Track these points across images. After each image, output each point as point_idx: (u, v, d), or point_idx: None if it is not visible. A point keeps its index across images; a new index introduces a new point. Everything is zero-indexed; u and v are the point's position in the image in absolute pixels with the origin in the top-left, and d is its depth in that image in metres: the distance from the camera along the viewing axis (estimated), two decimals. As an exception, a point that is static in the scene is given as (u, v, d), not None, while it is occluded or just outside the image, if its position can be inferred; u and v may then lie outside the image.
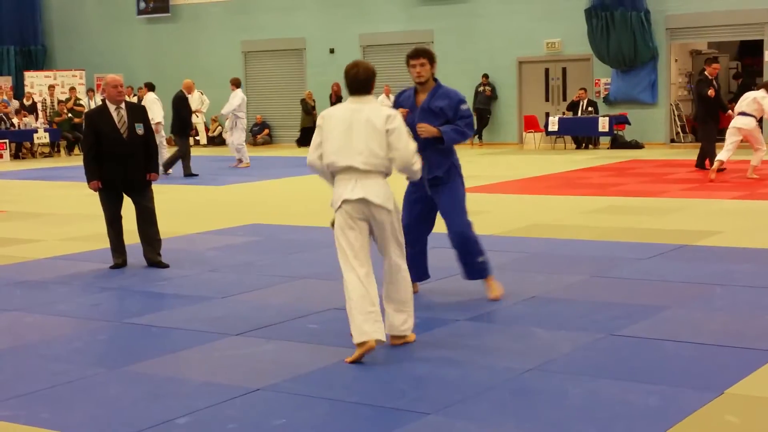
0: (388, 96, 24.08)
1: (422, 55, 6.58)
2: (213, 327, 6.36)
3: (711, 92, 15.18)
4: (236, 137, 19.53)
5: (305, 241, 9.73)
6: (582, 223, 10.53)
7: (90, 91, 26.71)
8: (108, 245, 8.68)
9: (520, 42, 24.22)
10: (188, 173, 17.62)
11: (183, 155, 17.72)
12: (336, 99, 24.97)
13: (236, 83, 19.87)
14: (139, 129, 8.42)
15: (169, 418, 4.58)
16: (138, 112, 8.56)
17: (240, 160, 19.70)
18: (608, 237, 9.51)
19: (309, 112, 26.06)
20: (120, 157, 8.34)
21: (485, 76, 24.30)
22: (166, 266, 8.45)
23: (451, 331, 6.07)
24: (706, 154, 15.59)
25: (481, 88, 24.33)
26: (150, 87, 19.60)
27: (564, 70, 24.44)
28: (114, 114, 8.36)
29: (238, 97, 19.39)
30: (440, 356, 5.52)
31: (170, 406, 4.75)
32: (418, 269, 6.87)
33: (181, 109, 17.83)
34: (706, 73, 15.62)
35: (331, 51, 26.62)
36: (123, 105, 8.42)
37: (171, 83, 28.33)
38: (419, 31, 25.13)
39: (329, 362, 5.52)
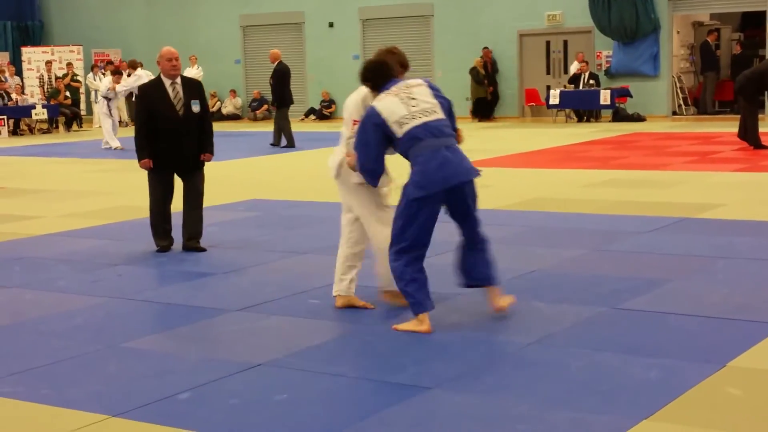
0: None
1: None
2: (214, 303, 6.35)
3: None
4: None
5: (305, 217, 9.70)
6: (583, 197, 10.49)
7: (95, 68, 26.43)
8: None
9: (520, 14, 24.08)
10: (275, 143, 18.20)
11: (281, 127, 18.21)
12: (491, 67, 24.16)
13: (135, 66, 19.77)
14: (195, 106, 7.94)
15: (171, 393, 4.56)
16: (194, 89, 8.05)
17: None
18: (610, 210, 9.48)
19: (480, 82, 23.78)
20: (174, 135, 7.84)
21: (486, 48, 24.18)
22: (203, 250, 8.07)
23: (451, 306, 6.04)
24: (756, 129, 14.65)
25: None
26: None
27: (565, 42, 24.30)
28: (169, 89, 7.85)
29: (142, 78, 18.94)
30: (442, 331, 5.50)
31: (171, 382, 4.74)
32: None
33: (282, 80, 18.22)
34: None
35: (330, 25, 26.48)
36: (179, 80, 7.90)
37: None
38: (419, 3, 24.95)
39: (330, 337, 5.51)
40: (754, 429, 3.98)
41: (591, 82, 22.75)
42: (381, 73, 5.66)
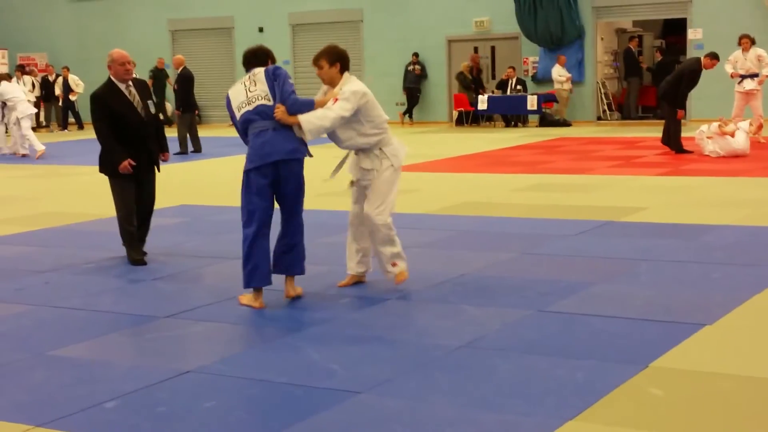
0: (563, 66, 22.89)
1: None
2: (142, 310, 6.29)
3: (680, 114, 14.93)
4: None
5: (234, 222, 9.60)
6: (512, 201, 10.62)
7: (18, 71, 25.84)
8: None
9: (449, 20, 24.27)
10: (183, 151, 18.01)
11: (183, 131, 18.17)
12: (477, 72, 24.02)
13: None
14: (152, 107, 7.84)
15: (97, 402, 4.51)
16: (145, 89, 7.93)
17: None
18: (537, 214, 9.61)
19: (468, 87, 23.55)
20: (141, 140, 7.65)
21: (415, 54, 24.32)
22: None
23: (381, 310, 6.08)
24: (678, 134, 15.02)
25: (411, 67, 24.33)
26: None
27: (493, 48, 24.55)
28: (126, 93, 7.65)
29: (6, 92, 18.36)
30: (371, 335, 5.53)
31: (98, 391, 4.68)
32: None
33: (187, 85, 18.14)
34: (702, 63, 14.87)
35: (260, 30, 26.38)
36: (131, 83, 7.74)
37: (97, 63, 27.72)
38: (349, 9, 25.00)
39: (259, 343, 5.50)
40: (674, 428, 4.07)
41: (518, 87, 23.03)
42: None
